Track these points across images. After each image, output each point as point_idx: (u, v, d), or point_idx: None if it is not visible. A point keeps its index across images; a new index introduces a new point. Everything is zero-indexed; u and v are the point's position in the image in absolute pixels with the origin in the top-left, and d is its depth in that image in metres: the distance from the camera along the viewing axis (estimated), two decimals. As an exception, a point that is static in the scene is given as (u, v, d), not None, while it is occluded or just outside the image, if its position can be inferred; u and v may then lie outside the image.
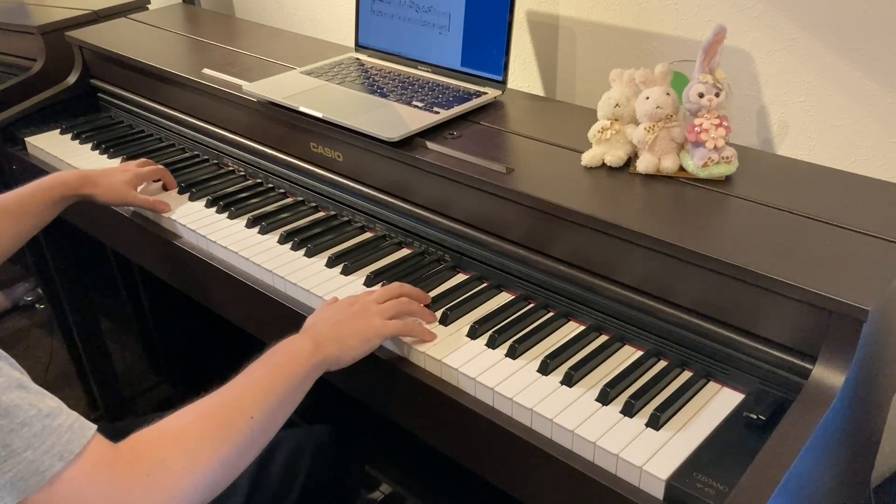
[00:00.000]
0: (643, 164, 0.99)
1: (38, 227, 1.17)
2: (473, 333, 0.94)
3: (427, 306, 0.98)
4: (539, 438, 0.81)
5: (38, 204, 1.16)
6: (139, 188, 1.28)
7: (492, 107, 1.22)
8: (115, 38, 1.62)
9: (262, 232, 1.18)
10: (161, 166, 1.33)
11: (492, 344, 0.92)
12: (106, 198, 1.22)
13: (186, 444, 0.72)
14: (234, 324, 1.21)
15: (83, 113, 1.65)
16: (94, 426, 0.67)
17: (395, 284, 0.98)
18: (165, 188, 1.33)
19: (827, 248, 0.83)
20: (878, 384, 0.89)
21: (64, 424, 0.64)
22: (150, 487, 0.67)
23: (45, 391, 0.67)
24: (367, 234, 1.17)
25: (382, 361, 0.94)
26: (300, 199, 1.28)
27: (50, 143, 1.52)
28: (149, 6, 1.88)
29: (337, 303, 0.96)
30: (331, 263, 1.09)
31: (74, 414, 0.67)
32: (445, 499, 1.64)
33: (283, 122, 1.27)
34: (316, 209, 1.25)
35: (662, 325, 0.88)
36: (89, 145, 1.50)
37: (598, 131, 1.02)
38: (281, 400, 0.80)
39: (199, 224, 1.21)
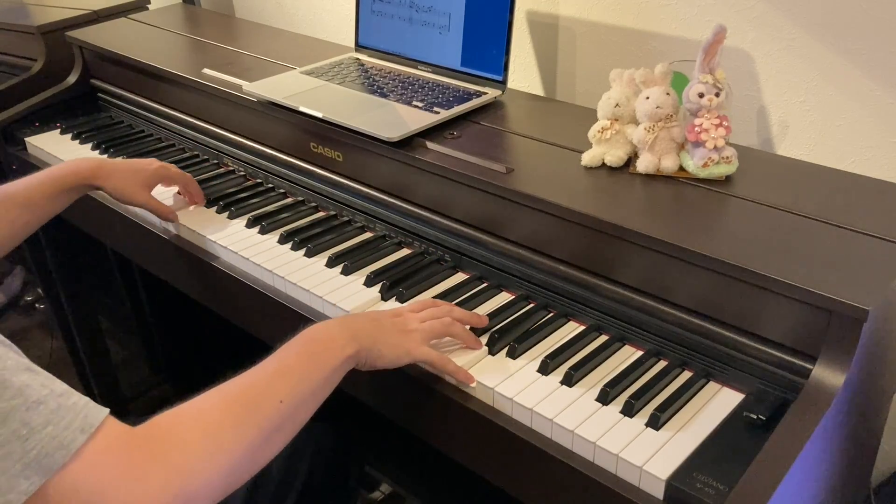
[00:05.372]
0: (643, 164, 0.99)
1: (48, 216, 1.13)
2: (473, 334, 0.94)
3: (481, 329, 0.93)
4: (539, 438, 0.81)
5: (47, 193, 1.11)
6: (158, 189, 1.22)
7: (492, 107, 1.22)
8: (115, 38, 1.62)
9: (262, 232, 1.18)
10: (188, 175, 1.25)
11: (492, 344, 0.92)
12: (116, 193, 1.17)
13: (207, 426, 0.68)
14: (234, 323, 1.20)
15: (83, 113, 1.65)
16: (107, 409, 0.65)
17: (445, 305, 0.92)
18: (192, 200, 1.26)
19: (827, 248, 0.83)
20: (878, 384, 0.89)
21: (79, 403, 0.63)
22: (168, 468, 0.64)
23: (54, 377, 0.65)
24: (367, 234, 1.17)
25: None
26: (300, 199, 1.28)
27: (50, 143, 1.52)
28: (149, 6, 1.88)
29: (381, 311, 0.91)
30: (331, 263, 1.09)
31: (86, 397, 0.65)
32: (445, 499, 1.64)
33: (283, 122, 1.27)
34: (316, 209, 1.25)
35: (662, 325, 0.88)
36: (89, 145, 1.50)
37: (598, 131, 1.02)
38: (313, 389, 0.77)
39: (199, 224, 1.21)
